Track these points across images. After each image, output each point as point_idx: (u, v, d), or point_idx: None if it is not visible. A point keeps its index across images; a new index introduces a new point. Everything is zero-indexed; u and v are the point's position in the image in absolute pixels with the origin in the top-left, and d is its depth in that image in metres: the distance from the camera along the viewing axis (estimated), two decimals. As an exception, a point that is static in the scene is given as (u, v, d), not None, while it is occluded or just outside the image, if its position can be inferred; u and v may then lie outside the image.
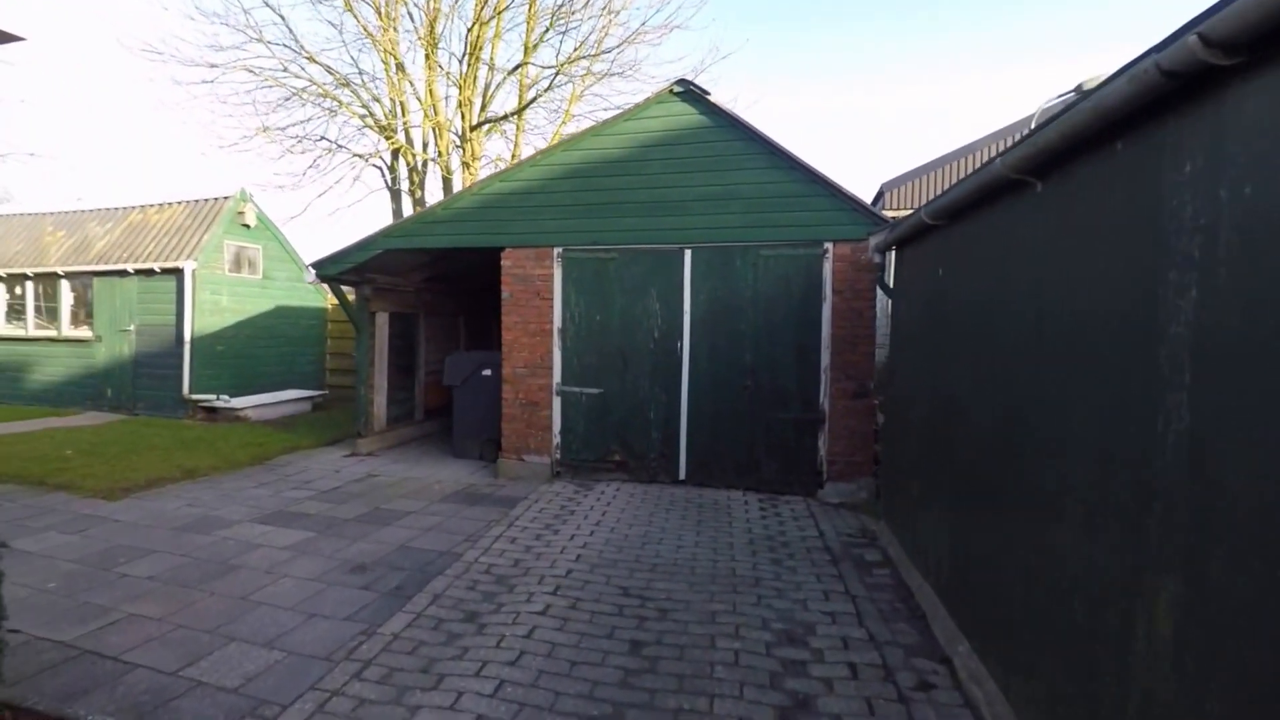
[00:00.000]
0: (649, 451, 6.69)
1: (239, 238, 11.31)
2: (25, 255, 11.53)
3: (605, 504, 5.99)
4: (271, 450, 8.27)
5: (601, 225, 6.66)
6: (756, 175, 6.25)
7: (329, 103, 13.73)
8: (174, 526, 5.21)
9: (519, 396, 7.00)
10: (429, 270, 9.45)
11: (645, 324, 6.64)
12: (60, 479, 6.38)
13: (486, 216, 6.96)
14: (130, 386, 10.79)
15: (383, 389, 8.86)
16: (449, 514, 5.74)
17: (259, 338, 11.83)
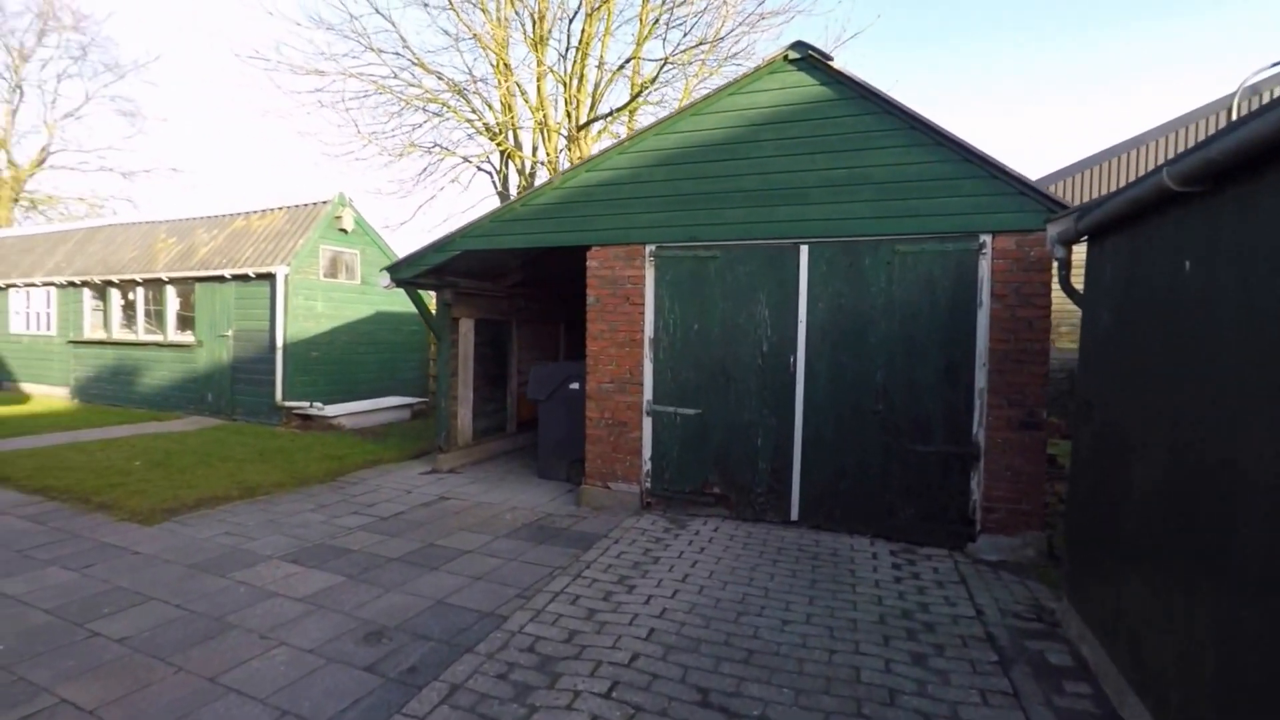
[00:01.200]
0: (754, 485, 5.79)
1: (336, 242, 11.51)
2: (137, 262, 12.34)
3: (698, 550, 5.16)
4: (350, 464, 8.10)
5: (701, 219, 5.87)
6: (892, 155, 5.23)
7: (436, 107, 13.93)
8: (191, 563, 4.85)
9: (605, 415, 6.32)
10: (521, 273, 9.06)
11: (752, 334, 5.77)
12: (108, 496, 6.35)
13: (570, 212, 6.36)
14: (229, 392, 11.20)
15: (467, 401, 8.52)
16: (510, 555, 5.12)
17: (357, 344, 12.00)
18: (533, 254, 8.20)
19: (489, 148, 14.26)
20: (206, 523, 5.78)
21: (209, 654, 3.52)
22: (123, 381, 12.52)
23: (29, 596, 4.21)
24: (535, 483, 7.43)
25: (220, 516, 5.97)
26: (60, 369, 13.64)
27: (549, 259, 8.39)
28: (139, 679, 3.25)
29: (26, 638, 3.66)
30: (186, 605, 4.12)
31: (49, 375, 13.93)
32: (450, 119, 14.15)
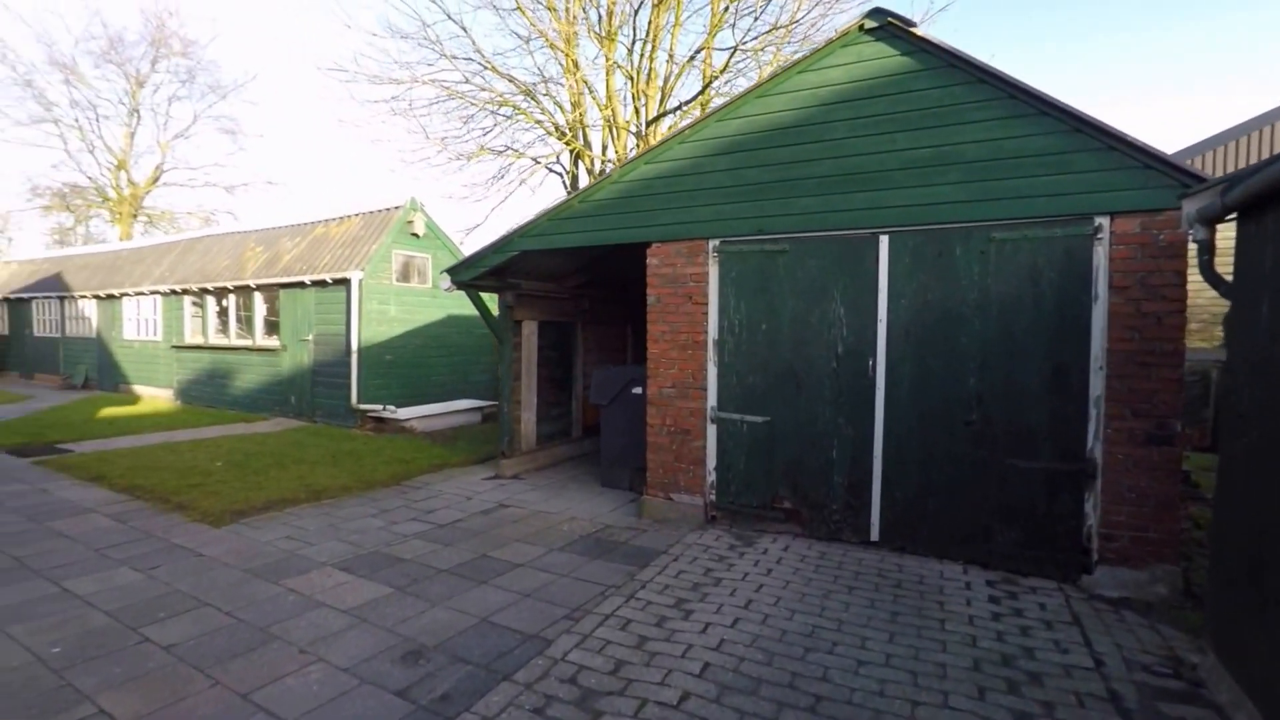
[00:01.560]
0: (829, 501, 5.30)
1: (407, 247, 11.76)
2: (229, 270, 13.08)
3: (764, 571, 4.74)
4: (416, 468, 8.15)
5: (768, 210, 5.44)
6: (987, 129, 4.63)
7: (508, 110, 14.08)
8: (248, 568, 4.88)
9: (666, 422, 6.00)
10: (586, 273, 8.89)
11: (825, 335, 5.29)
12: (186, 496, 6.58)
13: (629, 207, 6.08)
14: (309, 394, 11.65)
15: (531, 405, 8.42)
16: (564, 570, 4.87)
17: (429, 347, 12.24)
18: (597, 253, 7.98)
19: (559, 148, 14.25)
20: (271, 526, 5.87)
21: (247, 667, 3.46)
22: (217, 384, 13.31)
23: (95, 597, 4.33)
24: (597, 491, 7.19)
25: (284, 519, 6.06)
26: (165, 372, 14.69)
27: (615, 258, 8.15)
28: (175, 691, 3.22)
29: (83, 641, 3.72)
30: (236, 613, 4.11)
31: (155, 378, 15.04)
32: (521, 121, 14.25)
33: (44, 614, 4.04)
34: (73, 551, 5.17)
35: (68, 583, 4.54)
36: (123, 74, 29.69)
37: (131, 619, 4.00)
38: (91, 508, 6.38)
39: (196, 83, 36.09)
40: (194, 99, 42.49)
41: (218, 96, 35.59)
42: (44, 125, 29.41)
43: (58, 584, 4.53)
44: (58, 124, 29.32)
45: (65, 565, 4.87)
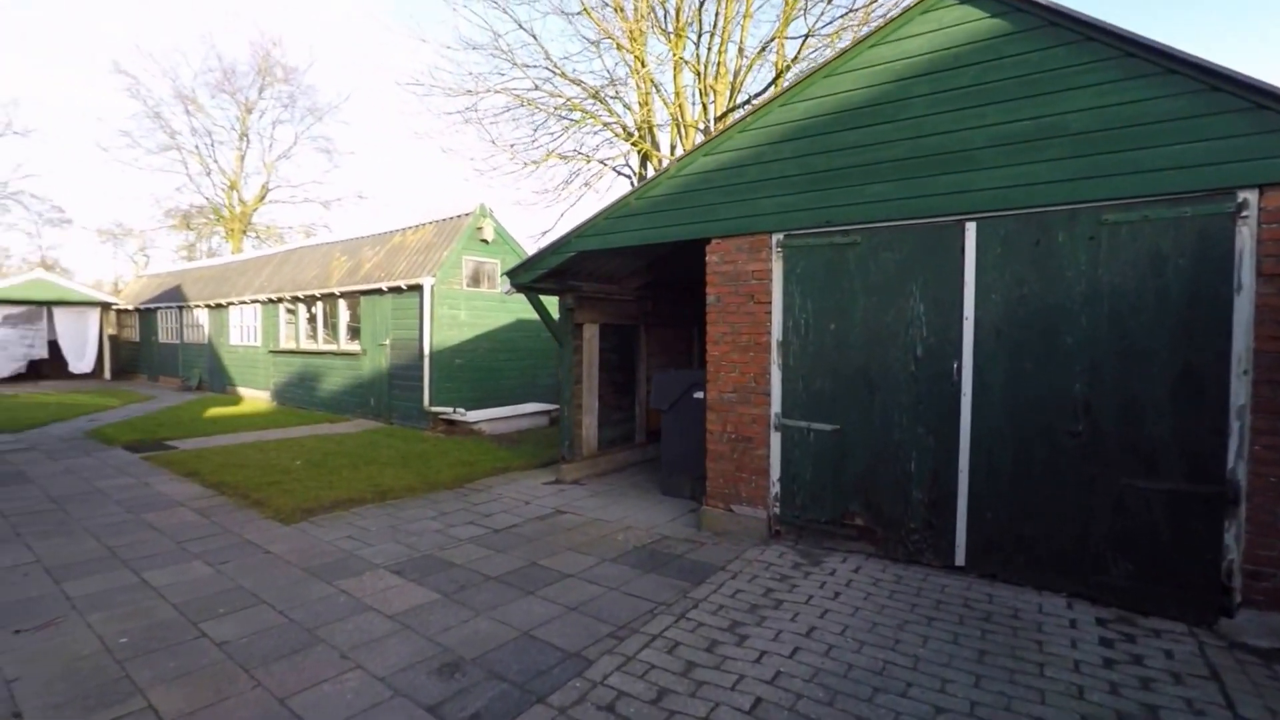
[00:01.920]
0: (907, 519, 4.77)
1: (477, 253, 11.94)
2: (317, 279, 13.74)
3: (831, 595, 4.28)
4: (479, 471, 8.14)
5: (837, 199, 4.98)
6: (1096, 95, 4.00)
7: (577, 115, 14.13)
8: (308, 567, 4.92)
9: (726, 429, 5.63)
10: (649, 274, 8.64)
11: (902, 336, 4.77)
12: (264, 494, 6.79)
13: (687, 202, 5.76)
14: (387, 396, 12.01)
15: (592, 409, 8.24)
16: (613, 583, 4.60)
17: (498, 351, 12.38)
18: (660, 253, 7.72)
19: (626, 149, 14.14)
20: (335, 525, 5.95)
21: (289, 670, 3.42)
22: (307, 386, 14.01)
23: (167, 590, 4.47)
24: (656, 499, 6.89)
25: (349, 519, 6.13)
26: (263, 375, 15.65)
27: (679, 257, 7.85)
28: (219, 691, 3.21)
29: (149, 632, 3.83)
30: (288, 612, 4.12)
31: (255, 380, 16.05)
32: (589, 125, 14.24)
33: (121, 603, 4.22)
34: (157, 544, 5.41)
35: (147, 574, 4.74)
36: (234, 102, 32.31)
37: (194, 613, 4.10)
38: (181, 501, 6.71)
39: (297, 106, 38.83)
40: (294, 122, 45.75)
41: (315, 118, 38.21)
42: (170, 152, 32.37)
43: (139, 574, 4.73)
44: (181, 150, 32.31)
45: (148, 557, 5.10)
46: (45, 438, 10.56)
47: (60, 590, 4.42)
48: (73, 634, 3.78)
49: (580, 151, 14.89)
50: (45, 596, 4.32)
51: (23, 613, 4.06)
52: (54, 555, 5.10)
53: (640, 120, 14.12)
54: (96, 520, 6.04)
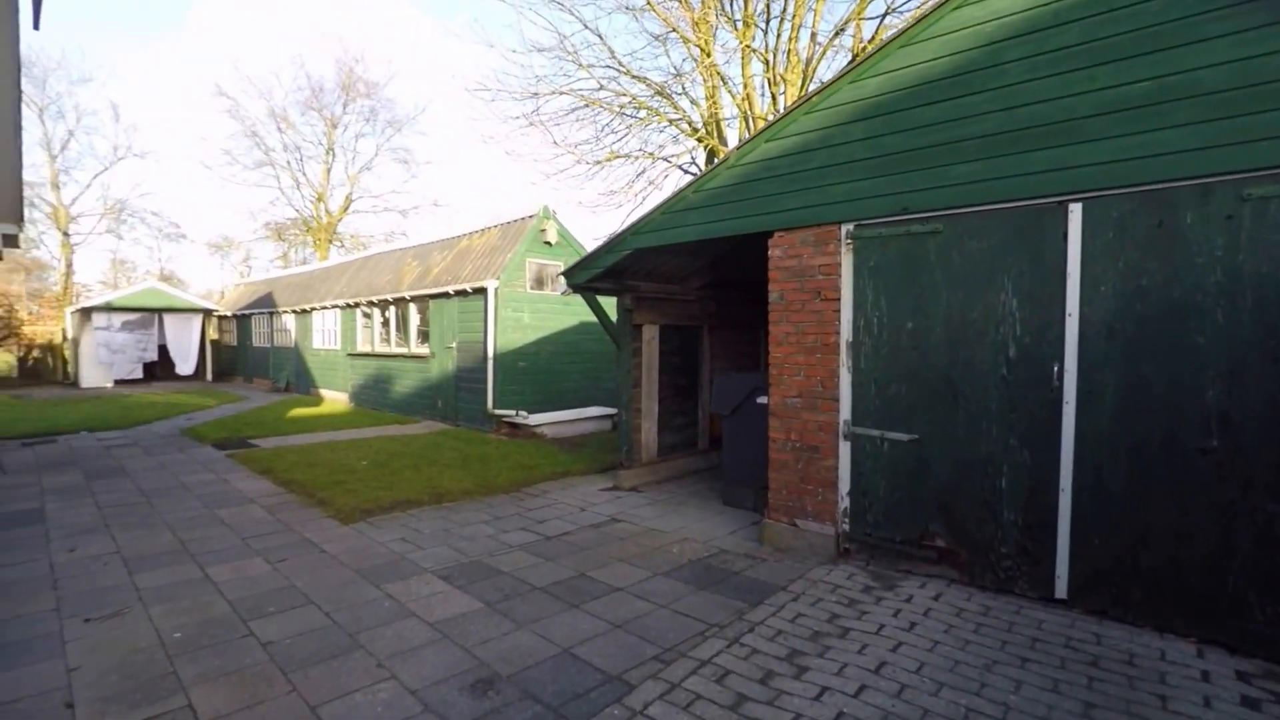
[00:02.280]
0: (997, 542, 4.21)
1: (540, 255, 11.92)
2: (389, 284, 14.13)
3: (905, 625, 3.80)
4: (537, 475, 8.01)
5: (914, 182, 4.50)
6: (1239, 45, 3.37)
7: (642, 113, 13.98)
8: (359, 568, 4.88)
9: (790, 437, 5.21)
10: (712, 273, 8.30)
11: (990, 335, 4.23)
12: (328, 493, 6.89)
13: (748, 193, 5.39)
14: (453, 399, 12.17)
15: (651, 414, 7.95)
16: (664, 599, 4.28)
17: (561, 354, 12.32)
18: (723, 250, 7.37)
19: (692, 146, 13.83)
20: (391, 526, 5.93)
21: (325, 676, 3.33)
22: (381, 388, 14.43)
23: (226, 585, 4.54)
24: (717, 510, 6.52)
25: (405, 521, 6.10)
26: (342, 377, 16.28)
27: (744, 255, 7.46)
28: (256, 694, 3.16)
29: (201, 628, 3.87)
30: (333, 615, 4.07)
31: (335, 382, 16.72)
32: (655, 123, 14.03)
33: (182, 597, 4.31)
34: (225, 539, 5.55)
35: (211, 569, 4.84)
36: (321, 118, 34.19)
37: (247, 610, 4.12)
38: (253, 498, 6.91)
39: (378, 119, 40.60)
40: (375, 134, 47.92)
41: (394, 130, 39.81)
42: (264, 168, 34.58)
43: (203, 569, 4.84)
44: (274, 166, 34.42)
45: (215, 552, 5.23)
46: (147, 434, 11.29)
47: (132, 581, 4.58)
48: (135, 626, 3.87)
49: (645, 150, 14.71)
50: (118, 587, 4.48)
51: (96, 601, 4.22)
52: (132, 546, 5.32)
53: (707, 115, 13.79)
54: (176, 514, 6.29)
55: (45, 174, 31.16)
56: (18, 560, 4.97)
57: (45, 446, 10.07)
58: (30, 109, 30.13)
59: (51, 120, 32.65)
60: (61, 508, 6.48)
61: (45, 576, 4.64)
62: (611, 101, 13.72)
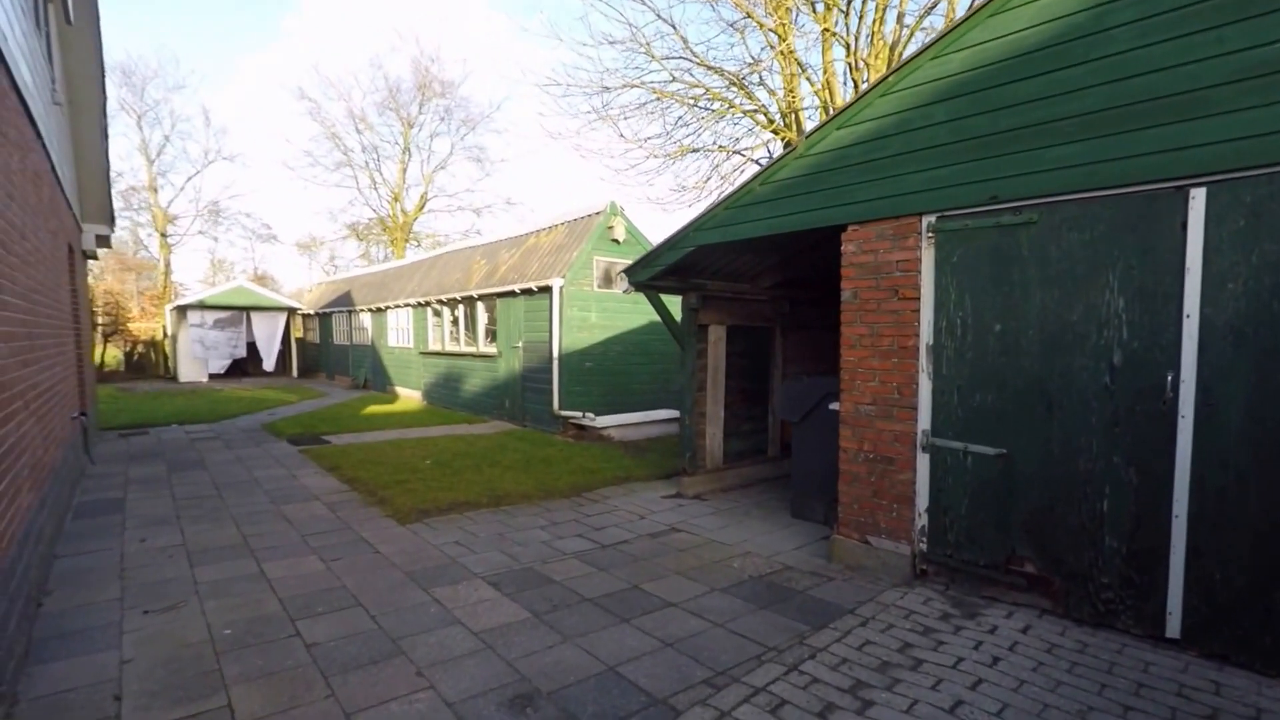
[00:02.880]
0: (1097, 571, 3.85)
1: (608, 253, 11.97)
2: (458, 283, 14.57)
3: (988, 659, 3.52)
4: (599, 479, 8.04)
5: (1005, 167, 4.18)
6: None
7: (717, 104, 13.84)
8: (411, 570, 4.98)
9: (863, 447, 4.97)
10: (784, 271, 8.08)
11: (1093, 339, 3.87)
12: (389, 492, 7.14)
13: (818, 184, 5.18)
14: (520, 399, 12.41)
15: (717, 419, 7.82)
16: (720, 618, 4.16)
17: (629, 354, 12.34)
18: (799, 246, 7.15)
19: (768, 139, 13.54)
20: (446, 528, 6.06)
21: (363, 683, 3.39)
22: (451, 387, 14.92)
23: (280, 583, 4.72)
24: (784, 523, 6.32)
25: (461, 523, 6.23)
26: (415, 375, 16.95)
27: (821, 251, 7.23)
28: (294, 697, 3.24)
29: (250, 625, 4.01)
30: (380, 618, 4.15)
31: (409, 380, 17.44)
32: (730, 115, 13.83)
33: (237, 593, 4.50)
34: (285, 535, 5.82)
35: (267, 565, 5.07)
36: (398, 118, 35.77)
37: (295, 610, 4.26)
38: (317, 495, 7.26)
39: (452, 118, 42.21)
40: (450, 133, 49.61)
41: (468, 128, 41.15)
42: (344, 169, 36.56)
43: (260, 565, 5.07)
44: (352, 166, 36.32)
45: (273, 548, 5.48)
46: (230, 429, 12.12)
47: (192, 574, 4.84)
48: (189, 620, 4.07)
49: (718, 144, 14.52)
50: (179, 579, 4.74)
51: (157, 594, 4.47)
52: (198, 539, 5.65)
53: (785, 106, 13.47)
54: (243, 509, 6.67)
55: (144, 178, 34.11)
56: (94, 548, 5.36)
57: (138, 438, 10.98)
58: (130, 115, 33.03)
59: (149, 126, 35.73)
60: (141, 498, 6.99)
61: (115, 566, 4.97)
62: (684, 93, 13.63)
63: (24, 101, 4.79)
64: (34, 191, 5.23)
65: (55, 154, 6.79)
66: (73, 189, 9.09)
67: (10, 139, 4.21)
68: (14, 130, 4.36)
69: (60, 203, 7.29)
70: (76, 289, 9.37)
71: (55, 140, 6.89)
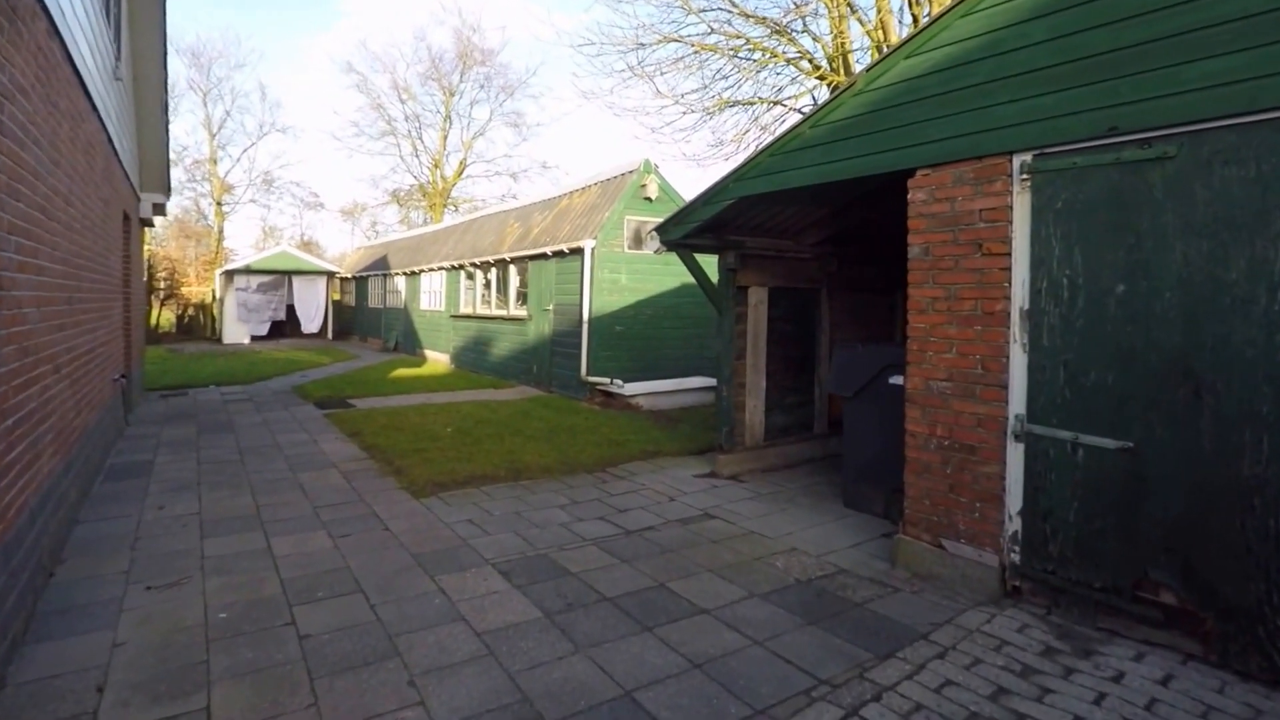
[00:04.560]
0: (1270, 610, 2.91)
1: (640, 212, 11.03)
2: (491, 246, 13.83)
3: (1115, 718, 2.66)
4: (625, 453, 7.29)
5: (1126, 91, 3.17)
6: None
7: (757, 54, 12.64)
8: (418, 553, 4.38)
9: (936, 432, 4.07)
10: (832, 225, 7.05)
11: (1261, 304, 2.88)
12: (406, 461, 6.57)
13: (880, 123, 4.20)
14: (548, 364, 11.70)
15: (758, 390, 6.94)
16: (761, 633, 3.38)
17: (661, 318, 11.48)
18: (849, 198, 6.16)
19: (813, 86, 12.31)
20: (460, 505, 5.43)
21: (350, 689, 2.83)
22: (480, 350, 14.30)
23: (284, 561, 4.21)
24: (836, 513, 5.47)
25: (476, 499, 5.58)
26: (445, 338, 16.39)
27: (878, 202, 6.22)
28: (275, 704, 2.71)
29: (247, 610, 3.55)
30: (379, 609, 3.59)
31: (438, 343, 16.90)
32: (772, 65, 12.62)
33: (240, 570, 4.05)
34: (298, 507, 5.29)
35: (275, 539, 4.58)
36: (440, 88, 34.80)
37: (296, 593, 3.76)
38: (335, 463, 6.70)
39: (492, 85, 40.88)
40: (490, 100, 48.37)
41: (506, 95, 39.92)
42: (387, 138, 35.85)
43: (268, 539, 4.58)
44: (396, 135, 35.60)
45: (284, 520, 4.98)
46: (263, 390, 11.72)
47: (200, 547, 4.40)
48: (188, 599, 3.65)
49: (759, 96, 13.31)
50: (187, 552, 4.31)
51: (164, 568, 4.06)
52: (213, 508, 5.20)
53: (833, 50, 12.18)
54: (262, 476, 6.18)
55: (206, 150, 34.08)
56: (112, 514, 5.00)
57: (177, 399, 10.64)
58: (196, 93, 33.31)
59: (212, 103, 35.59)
60: (168, 461, 6.60)
61: (129, 534, 4.60)
62: (723, 44, 12.43)
63: (79, 75, 4.70)
64: (85, 160, 5.14)
65: (113, 126, 6.52)
66: (133, 160, 8.96)
67: (61, 109, 4.23)
68: (66, 101, 4.37)
69: (116, 172, 7.22)
70: (130, 255, 9.00)
71: (114, 113, 6.60)
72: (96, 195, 5.73)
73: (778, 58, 12.55)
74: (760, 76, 12.99)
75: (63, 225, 4.39)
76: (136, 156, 9.50)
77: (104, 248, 6.35)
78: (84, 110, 5.09)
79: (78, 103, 4.81)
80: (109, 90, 6.24)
